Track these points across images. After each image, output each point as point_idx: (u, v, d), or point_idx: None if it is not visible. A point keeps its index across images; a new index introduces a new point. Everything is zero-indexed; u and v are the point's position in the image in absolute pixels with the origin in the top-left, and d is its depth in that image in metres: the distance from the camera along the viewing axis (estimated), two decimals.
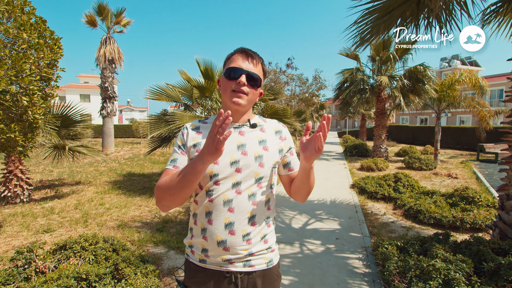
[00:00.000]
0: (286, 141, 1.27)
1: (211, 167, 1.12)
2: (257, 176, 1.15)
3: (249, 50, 1.17)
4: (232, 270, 1.14)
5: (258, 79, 1.15)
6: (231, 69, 1.13)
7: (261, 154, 1.17)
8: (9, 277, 2.41)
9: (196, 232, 1.19)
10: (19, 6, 3.07)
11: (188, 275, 1.22)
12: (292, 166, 1.28)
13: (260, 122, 1.26)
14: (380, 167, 9.37)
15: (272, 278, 1.22)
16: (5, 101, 2.70)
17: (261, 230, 1.18)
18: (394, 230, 4.32)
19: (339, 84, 12.57)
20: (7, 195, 5.84)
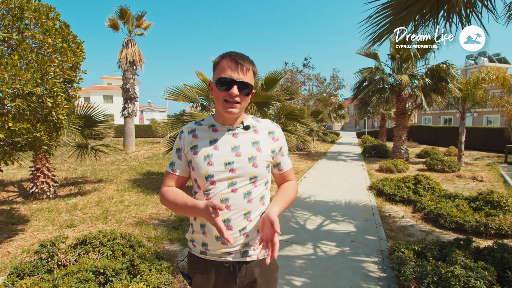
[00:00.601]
0: (278, 142, 1.32)
1: (206, 168, 1.20)
2: (251, 176, 1.21)
3: (239, 57, 1.16)
4: (231, 261, 1.22)
5: (249, 87, 1.18)
6: (222, 81, 1.15)
7: (254, 155, 1.22)
8: (34, 268, 2.55)
9: (196, 227, 1.27)
10: (45, 13, 3.24)
11: (191, 266, 1.31)
12: (282, 167, 1.36)
13: (253, 123, 1.30)
14: (400, 169, 9.10)
15: (270, 268, 1.29)
16: (31, 103, 2.86)
17: (257, 224, 1.24)
18: (413, 234, 4.18)
19: (357, 83, 12.32)
20: (35, 191, 6.17)
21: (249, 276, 1.24)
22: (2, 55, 2.77)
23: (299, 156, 14.50)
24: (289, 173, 1.37)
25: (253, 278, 1.25)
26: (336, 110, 23.48)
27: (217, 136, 1.24)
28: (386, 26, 2.95)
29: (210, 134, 1.25)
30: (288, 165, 1.37)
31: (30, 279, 2.31)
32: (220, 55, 1.20)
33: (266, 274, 1.27)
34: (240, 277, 1.23)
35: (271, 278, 1.30)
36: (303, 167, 10.64)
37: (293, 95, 7.84)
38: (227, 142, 1.23)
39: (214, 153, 1.21)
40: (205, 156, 1.21)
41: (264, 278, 1.27)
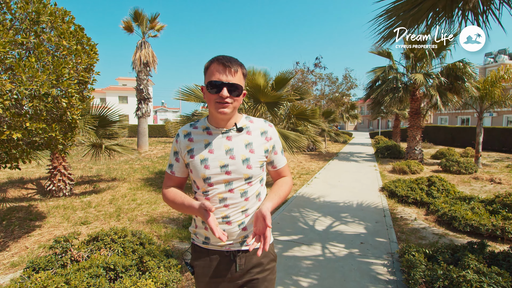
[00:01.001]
0: (271, 141, 1.35)
1: (203, 171, 1.26)
2: (246, 176, 1.27)
3: (226, 60, 1.20)
4: (231, 250, 1.30)
5: (239, 88, 1.22)
6: (212, 84, 1.19)
7: (248, 157, 1.27)
8: (48, 263, 2.64)
9: (198, 223, 1.35)
10: (60, 16, 3.35)
11: (194, 256, 1.39)
12: (276, 164, 1.40)
13: (246, 124, 1.34)
14: (413, 170, 8.89)
15: (269, 257, 1.36)
16: (47, 103, 2.96)
17: None
18: (425, 236, 4.09)
19: (370, 83, 12.11)
20: (52, 189, 6.39)
21: (248, 264, 1.31)
22: (20, 58, 2.88)
23: (310, 156, 14.40)
24: (283, 170, 1.42)
25: (252, 265, 1.31)
26: (349, 110, 23.16)
27: (212, 139, 1.29)
28: (396, 24, 2.89)
29: (205, 138, 1.30)
30: (282, 162, 1.41)
31: (44, 273, 2.40)
32: (209, 60, 1.25)
33: (265, 261, 1.34)
34: (240, 265, 1.30)
35: (271, 266, 1.36)
36: (314, 168, 10.56)
37: (304, 95, 7.80)
38: (221, 145, 1.27)
39: (209, 156, 1.26)
40: (202, 160, 1.26)
41: (263, 265, 1.33)
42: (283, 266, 3.12)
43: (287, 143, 6.40)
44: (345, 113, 23.06)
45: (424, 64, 10.38)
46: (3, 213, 5.14)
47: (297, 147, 6.55)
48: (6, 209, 5.37)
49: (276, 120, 7.57)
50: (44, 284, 2.21)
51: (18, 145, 3.17)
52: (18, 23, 3.09)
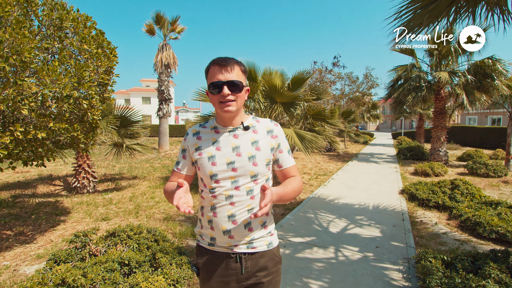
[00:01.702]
0: (277, 139, 1.36)
1: (210, 167, 1.28)
2: (252, 174, 1.27)
3: (221, 60, 1.23)
4: (237, 251, 1.29)
5: (238, 83, 1.23)
6: (212, 85, 1.23)
7: (254, 154, 1.28)
8: (68, 256, 2.79)
9: (204, 223, 1.35)
10: (82, 22, 3.52)
11: (199, 257, 1.39)
12: (281, 163, 1.38)
13: (253, 123, 1.36)
14: (437, 172, 8.52)
15: (274, 260, 1.35)
16: (69, 105, 3.12)
17: (260, 219, 1.31)
18: (445, 242, 3.91)
19: (391, 81, 11.71)
20: (77, 186, 6.72)
21: (254, 267, 1.30)
22: (45, 62, 3.06)
23: (328, 157, 14.17)
24: (290, 170, 1.39)
25: (258, 268, 1.30)
26: (370, 110, 22.54)
27: (219, 137, 1.32)
28: (411, 22, 2.79)
29: (212, 136, 1.33)
30: (288, 162, 1.38)
31: (64, 266, 2.53)
32: (208, 64, 1.28)
33: (270, 265, 1.33)
34: (245, 267, 1.29)
35: (276, 269, 1.35)
36: (332, 169, 10.38)
37: (321, 95, 7.69)
38: (228, 143, 1.30)
39: (217, 153, 1.29)
40: (209, 157, 1.29)
41: (269, 269, 1.32)
42: (295, 268, 3.10)
43: (303, 143, 6.34)
44: (366, 113, 22.47)
45: (450, 62, 9.90)
46: (32, 207, 5.47)
47: (313, 147, 6.48)
48: (35, 204, 5.71)
49: (293, 120, 7.53)
50: (63, 276, 2.33)
51: (44, 144, 3.36)
52: (45, 29, 3.29)
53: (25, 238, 4.05)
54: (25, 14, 3.00)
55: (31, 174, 8.83)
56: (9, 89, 2.61)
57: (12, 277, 3.02)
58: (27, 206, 5.58)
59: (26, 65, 2.69)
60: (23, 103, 2.70)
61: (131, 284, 2.40)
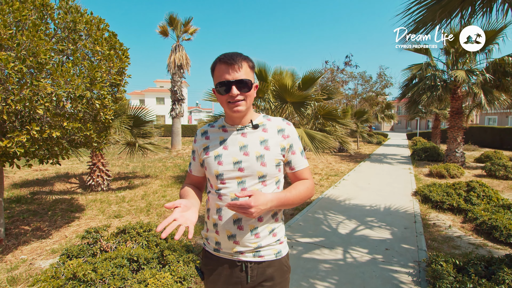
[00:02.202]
0: (289, 139, 1.28)
1: (216, 167, 1.23)
2: (260, 175, 1.20)
3: (228, 58, 1.16)
4: (243, 260, 1.22)
5: (247, 82, 1.17)
6: (220, 85, 1.17)
7: (262, 154, 1.21)
8: (80, 251, 2.88)
9: (209, 226, 1.29)
10: (95, 24, 3.63)
11: (204, 262, 1.34)
12: (293, 165, 1.30)
13: (263, 122, 1.30)
14: (452, 174, 8.27)
15: (282, 269, 1.28)
16: (82, 105, 3.22)
17: (268, 225, 1.24)
18: (459, 246, 3.79)
19: (406, 81, 11.44)
20: (91, 184, 6.91)
21: (261, 276, 1.23)
22: (59, 63, 3.16)
23: (340, 157, 14.00)
24: (302, 173, 1.31)
25: (265, 278, 1.24)
26: (384, 110, 22.10)
27: (227, 136, 1.27)
28: (422, 18, 2.71)
29: (220, 135, 1.29)
30: (301, 164, 1.30)
31: (76, 261, 2.61)
32: (213, 62, 1.22)
33: (278, 275, 1.26)
34: (251, 276, 1.23)
35: (283, 279, 1.29)
36: (344, 169, 10.25)
37: (332, 94, 7.61)
38: (236, 142, 1.24)
39: (223, 152, 1.24)
40: (216, 156, 1.24)
41: (276, 279, 1.25)
42: (301, 269, 3.08)
43: (313, 143, 6.30)
44: (380, 113, 22.05)
45: (467, 60, 9.59)
46: (49, 204, 5.67)
47: (324, 147, 6.42)
48: (52, 200, 5.92)
49: (304, 120, 7.48)
50: (74, 271, 2.41)
51: (59, 143, 3.48)
52: (60, 32, 3.40)
53: (42, 234, 4.20)
54: (41, 18, 3.12)
55: (49, 172, 9.15)
56: (25, 90, 2.71)
57: (28, 270, 3.14)
58: (44, 202, 5.78)
59: (41, 66, 2.79)
60: (38, 103, 2.81)
61: (139, 280, 2.45)
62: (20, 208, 5.41)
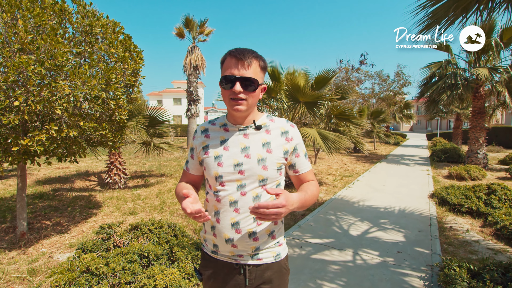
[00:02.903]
0: (293, 142, 1.24)
1: (215, 168, 1.19)
2: (260, 178, 1.16)
3: (239, 53, 1.11)
4: (241, 263, 1.21)
5: (253, 82, 1.12)
6: (225, 78, 1.12)
7: (264, 157, 1.17)
8: (94, 246, 2.99)
9: (207, 228, 1.27)
10: (111, 27, 3.76)
11: (203, 263, 1.32)
12: (297, 168, 1.27)
13: (266, 123, 1.25)
14: (473, 176, 7.94)
15: (281, 272, 1.25)
16: (97, 105, 3.35)
17: (267, 228, 1.21)
18: (477, 251, 3.65)
19: (424, 79, 11.08)
20: (109, 182, 7.15)
21: (259, 279, 1.22)
22: (77, 66, 3.30)
23: (356, 158, 13.75)
24: (307, 175, 1.29)
25: (263, 281, 1.22)
26: (402, 109, 21.48)
27: (228, 136, 1.22)
28: (433, 15, 2.63)
29: (221, 134, 1.24)
30: (305, 167, 1.28)
31: (90, 255, 2.72)
32: (224, 54, 1.17)
33: (276, 277, 1.24)
34: (249, 279, 1.21)
35: (282, 282, 1.26)
36: (359, 170, 10.07)
37: (346, 94, 7.50)
38: (237, 143, 1.20)
39: (224, 153, 1.19)
40: (216, 157, 1.20)
41: (274, 282, 1.23)
42: (309, 269, 3.07)
43: (325, 143, 6.23)
44: (398, 113, 21.45)
45: (490, 57, 9.17)
46: (69, 200, 5.92)
47: (337, 148, 6.34)
48: (72, 197, 6.17)
49: (317, 120, 7.42)
50: (87, 264, 2.51)
51: (77, 142, 3.64)
52: (79, 35, 3.55)
53: (61, 228, 4.40)
54: (60, 22, 3.27)
55: (70, 170, 9.55)
56: (45, 91, 2.86)
57: (47, 262, 3.31)
58: (64, 199, 6.04)
59: (59, 69, 2.93)
60: (57, 104, 2.95)
61: (148, 275, 2.52)
62: (42, 204, 5.68)
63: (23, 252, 3.58)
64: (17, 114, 2.81)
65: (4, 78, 2.64)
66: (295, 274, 2.96)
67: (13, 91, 2.75)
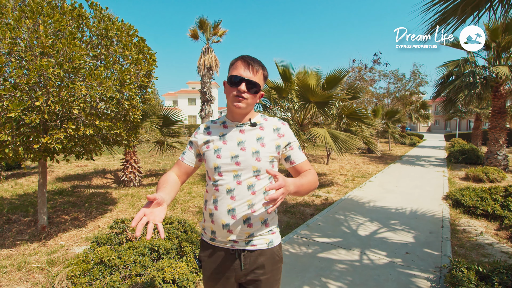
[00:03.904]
0: (284, 137, 1.37)
1: (214, 160, 1.33)
2: (254, 169, 1.30)
3: (249, 59, 1.28)
4: (237, 248, 1.33)
5: (257, 86, 1.28)
6: (233, 77, 1.27)
7: (258, 150, 1.31)
8: (108, 240, 3.14)
9: (206, 216, 1.39)
10: (125, 31, 3.92)
11: (202, 250, 1.45)
12: (293, 160, 1.39)
13: (260, 121, 1.39)
14: (492, 178, 7.68)
15: (274, 259, 1.36)
16: (112, 105, 3.50)
17: (261, 216, 1.32)
18: (490, 254, 3.56)
19: (441, 78, 10.78)
20: (124, 179, 7.39)
21: (253, 264, 1.32)
22: (92, 68, 3.47)
23: (369, 158, 13.54)
24: (303, 166, 1.39)
25: (257, 266, 1.33)
26: (419, 109, 20.93)
27: (226, 132, 1.37)
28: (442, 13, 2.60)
29: (220, 130, 1.39)
30: (300, 158, 1.39)
31: (104, 248, 2.87)
32: (235, 58, 1.33)
33: (269, 263, 1.34)
34: (244, 264, 1.32)
35: (275, 268, 1.37)
36: (372, 171, 9.93)
37: (358, 93, 7.43)
38: (234, 137, 1.35)
39: (222, 147, 1.34)
40: (215, 150, 1.34)
41: (267, 267, 1.34)
42: (315, 267, 3.10)
43: (336, 143, 6.21)
44: (415, 113, 20.93)
45: (511, 55, 8.81)
46: (86, 197, 6.18)
47: (348, 148, 6.30)
48: (89, 194, 6.43)
49: (328, 120, 7.39)
50: (101, 256, 2.65)
51: (93, 140, 3.81)
52: (95, 38, 3.73)
53: (78, 223, 4.61)
54: (77, 27, 3.44)
55: (88, 168, 9.92)
56: (63, 92, 3.03)
57: (65, 254, 3.49)
58: (82, 195, 6.31)
59: (76, 71, 3.10)
60: (74, 104, 3.11)
61: (157, 268, 2.63)
62: (62, 199, 5.95)
63: (43, 244, 3.80)
64: (38, 114, 2.99)
65: (26, 80, 2.82)
66: (300, 272, 3.00)
67: (34, 92, 2.93)
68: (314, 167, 11.02)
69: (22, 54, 2.90)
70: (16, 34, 2.86)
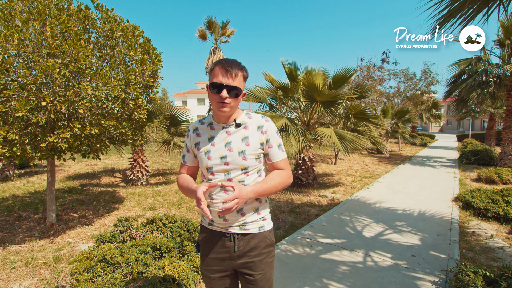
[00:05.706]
0: (266, 134, 1.46)
1: (206, 161, 1.45)
2: (242, 167, 1.42)
3: (227, 65, 1.33)
4: (232, 232, 1.45)
5: (237, 89, 1.35)
6: (214, 85, 1.34)
7: (243, 150, 1.42)
8: (112, 238, 3.18)
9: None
10: (131, 31, 3.96)
11: (200, 234, 1.59)
12: (271, 157, 1.50)
13: (244, 120, 1.47)
14: (505, 180, 7.45)
15: (265, 241, 1.48)
16: (117, 105, 3.55)
17: (252, 206, 1.46)
18: (500, 258, 3.45)
19: (452, 77, 10.52)
20: (132, 178, 7.49)
21: (246, 246, 1.45)
22: (98, 68, 3.53)
23: (378, 159, 13.35)
24: (278, 164, 1.50)
25: (249, 248, 1.45)
26: (430, 109, 20.49)
27: (214, 134, 1.47)
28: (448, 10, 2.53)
29: (209, 132, 1.48)
30: (277, 156, 1.49)
31: (107, 245, 2.91)
32: (214, 63, 1.39)
33: (261, 246, 1.46)
34: (238, 246, 1.44)
35: (267, 251, 1.48)
36: (380, 171, 9.78)
37: (365, 93, 7.32)
38: (221, 139, 1.45)
39: (212, 149, 1.45)
40: (205, 152, 1.46)
41: (258, 249, 1.46)
42: (317, 268, 3.07)
43: (342, 143, 6.14)
44: (426, 112, 20.50)
45: None
46: (95, 195, 6.29)
47: (354, 148, 6.22)
48: (97, 192, 6.55)
49: (335, 119, 7.31)
50: (104, 254, 2.69)
51: (99, 139, 3.88)
52: (102, 39, 3.79)
53: (86, 221, 4.70)
54: (84, 28, 3.50)
55: (98, 167, 10.10)
56: (69, 92, 3.09)
57: (71, 251, 3.56)
58: (91, 193, 6.43)
59: (82, 71, 3.15)
60: (80, 103, 3.17)
61: (159, 266, 2.65)
62: (71, 197, 6.08)
63: (51, 241, 3.88)
64: (44, 113, 3.06)
65: (33, 80, 2.89)
66: (302, 272, 2.98)
67: (41, 92, 3.00)
68: (321, 167, 10.91)
69: (30, 55, 2.97)
70: (24, 36, 2.93)
